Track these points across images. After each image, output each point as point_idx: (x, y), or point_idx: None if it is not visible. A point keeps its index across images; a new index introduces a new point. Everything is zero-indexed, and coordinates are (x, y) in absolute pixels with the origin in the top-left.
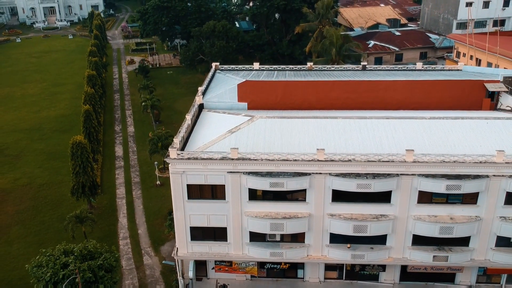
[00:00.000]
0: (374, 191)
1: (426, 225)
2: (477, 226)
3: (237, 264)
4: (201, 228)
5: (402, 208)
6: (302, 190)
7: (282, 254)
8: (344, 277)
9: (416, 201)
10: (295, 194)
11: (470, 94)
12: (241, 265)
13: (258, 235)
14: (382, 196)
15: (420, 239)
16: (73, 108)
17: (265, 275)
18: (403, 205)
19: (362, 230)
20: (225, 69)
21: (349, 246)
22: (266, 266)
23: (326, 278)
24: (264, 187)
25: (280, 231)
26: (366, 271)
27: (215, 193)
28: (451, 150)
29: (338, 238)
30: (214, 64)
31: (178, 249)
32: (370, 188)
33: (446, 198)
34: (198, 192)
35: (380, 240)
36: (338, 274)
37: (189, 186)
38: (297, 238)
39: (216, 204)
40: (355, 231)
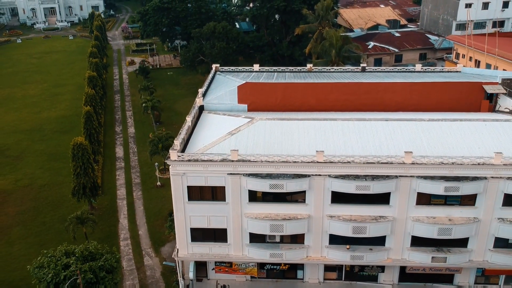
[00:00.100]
0: (373, 193)
1: (425, 226)
2: (475, 228)
3: (237, 265)
4: (201, 229)
5: (401, 209)
6: (302, 191)
7: (282, 255)
8: (343, 277)
9: (414, 202)
10: (295, 195)
11: (469, 96)
12: (241, 266)
13: (258, 236)
14: (381, 197)
15: (418, 240)
16: (73, 109)
17: (265, 276)
18: (402, 206)
19: (361, 232)
20: (225, 70)
21: (348, 247)
22: (266, 267)
23: (325, 279)
24: (264, 189)
25: (279, 232)
26: (365, 272)
27: (215, 194)
28: (450, 152)
29: (337, 239)
30: (214, 65)
31: (178, 250)
32: (369, 189)
33: (445, 200)
34: (198, 193)
35: (379, 241)
36: (338, 275)
37: (189, 188)
38: (296, 239)
39: (216, 205)
40: (354, 233)
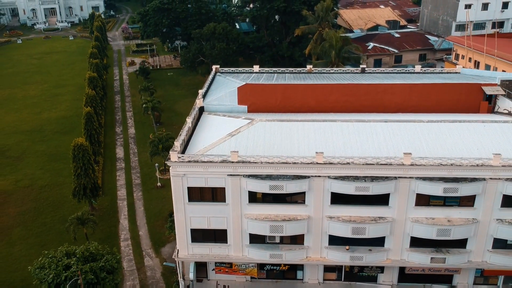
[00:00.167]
0: (373, 194)
1: (424, 227)
2: (474, 228)
3: (237, 265)
4: (201, 230)
5: (400, 210)
6: (302, 192)
7: (282, 256)
8: (343, 278)
9: (414, 203)
10: (295, 196)
11: (468, 97)
12: (241, 266)
13: (258, 237)
14: (380, 198)
15: (418, 241)
16: (74, 109)
17: (264, 277)
18: (401, 207)
19: (361, 232)
20: (225, 71)
21: (347, 248)
22: (265, 268)
23: (325, 280)
24: (263, 190)
25: (279, 233)
26: (364, 273)
27: (216, 195)
28: (449, 153)
29: (337, 240)
30: (214, 66)
31: (178, 250)
32: (368, 190)
33: (444, 201)
34: (198, 194)
35: (378, 242)
36: (337, 275)
37: (189, 189)
38: (296, 240)
39: (216, 206)
40: (354, 233)
